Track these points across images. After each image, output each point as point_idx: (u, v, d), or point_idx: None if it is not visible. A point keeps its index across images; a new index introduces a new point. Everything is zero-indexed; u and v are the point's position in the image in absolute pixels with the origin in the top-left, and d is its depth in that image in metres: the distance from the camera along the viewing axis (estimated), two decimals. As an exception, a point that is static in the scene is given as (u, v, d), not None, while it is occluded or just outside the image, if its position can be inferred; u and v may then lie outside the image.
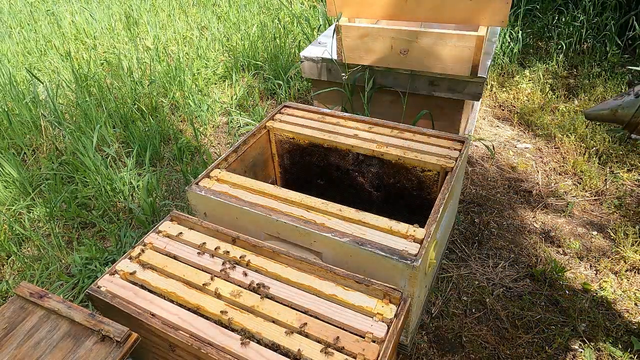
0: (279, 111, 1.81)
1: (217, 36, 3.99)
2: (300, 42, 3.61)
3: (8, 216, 2.13)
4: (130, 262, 1.19)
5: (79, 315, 0.96)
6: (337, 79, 2.28)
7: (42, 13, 4.97)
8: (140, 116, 2.85)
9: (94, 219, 2.11)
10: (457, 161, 1.46)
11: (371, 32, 2.04)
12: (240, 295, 1.07)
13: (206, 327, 1.00)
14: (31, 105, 2.92)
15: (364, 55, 2.14)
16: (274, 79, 3.20)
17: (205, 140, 2.73)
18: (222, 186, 1.40)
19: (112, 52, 3.85)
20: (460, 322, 1.56)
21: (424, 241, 1.16)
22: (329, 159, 1.70)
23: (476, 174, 2.30)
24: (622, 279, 1.70)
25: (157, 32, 4.11)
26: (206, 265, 1.16)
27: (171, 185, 2.36)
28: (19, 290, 1.03)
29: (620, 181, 2.16)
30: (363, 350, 0.93)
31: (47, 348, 0.91)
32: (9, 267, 1.94)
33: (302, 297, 1.06)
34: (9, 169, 2.33)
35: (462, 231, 1.95)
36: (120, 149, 2.64)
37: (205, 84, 3.31)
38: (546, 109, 2.75)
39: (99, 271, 1.83)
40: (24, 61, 3.90)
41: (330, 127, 1.68)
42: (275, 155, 1.83)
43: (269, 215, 1.27)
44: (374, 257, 1.14)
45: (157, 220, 2.07)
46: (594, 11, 3.31)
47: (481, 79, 1.96)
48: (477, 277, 1.74)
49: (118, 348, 0.90)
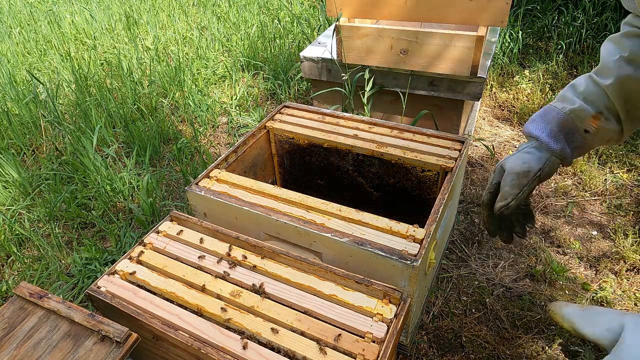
0: (278, 111, 1.81)
1: (217, 36, 3.99)
2: (300, 42, 3.61)
3: (8, 216, 2.13)
4: (130, 262, 1.19)
5: (79, 316, 0.96)
6: (337, 79, 2.28)
7: (42, 13, 4.97)
8: (140, 116, 2.85)
9: (93, 219, 2.11)
10: (457, 161, 1.46)
11: (371, 32, 2.04)
12: (240, 295, 1.07)
13: (206, 327, 1.00)
14: (31, 106, 2.92)
15: (364, 55, 2.14)
16: (274, 79, 3.20)
17: (205, 140, 2.73)
18: (221, 186, 1.40)
19: (112, 53, 3.85)
20: (460, 322, 1.56)
21: (423, 241, 1.16)
22: (329, 159, 1.70)
23: (476, 174, 2.30)
24: (622, 279, 1.69)
25: (157, 32, 4.11)
26: (206, 266, 1.16)
27: (171, 185, 2.36)
28: (19, 290, 1.02)
29: (620, 181, 2.16)
30: (363, 350, 0.93)
31: (46, 348, 0.91)
32: (8, 268, 1.94)
33: (301, 297, 1.05)
34: (8, 169, 2.33)
35: (462, 231, 1.95)
36: (120, 149, 2.64)
37: (205, 84, 3.31)
38: (546, 109, 2.74)
39: (98, 271, 1.83)
40: (24, 61, 3.90)
41: (330, 127, 1.68)
42: (275, 156, 1.83)
43: (268, 216, 1.27)
44: (373, 257, 1.14)
45: (157, 221, 2.07)
46: (594, 11, 3.31)
47: (481, 79, 1.96)
48: (477, 277, 1.74)
49: (118, 348, 0.90)
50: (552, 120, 0.95)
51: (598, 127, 0.93)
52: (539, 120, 0.97)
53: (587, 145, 0.97)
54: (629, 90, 0.91)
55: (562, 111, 0.95)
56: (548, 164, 0.95)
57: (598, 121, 0.93)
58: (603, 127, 0.94)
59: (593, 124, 0.93)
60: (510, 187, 0.92)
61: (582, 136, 0.95)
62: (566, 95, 0.97)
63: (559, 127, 0.94)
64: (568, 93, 0.97)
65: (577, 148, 0.97)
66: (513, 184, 0.92)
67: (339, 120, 1.72)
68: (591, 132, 0.94)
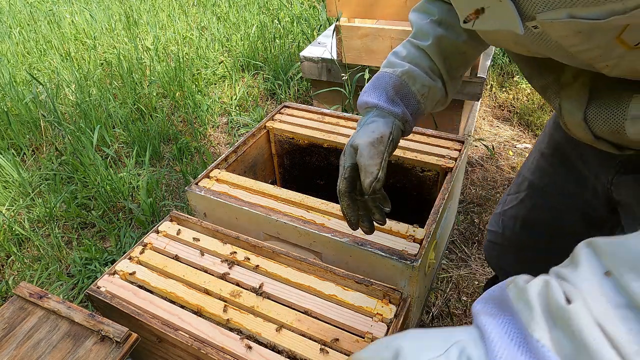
0: (278, 111, 1.81)
1: (217, 36, 3.99)
2: (300, 42, 3.61)
3: (8, 216, 2.13)
4: (129, 262, 1.19)
5: (79, 316, 0.96)
6: (337, 79, 2.28)
7: (42, 13, 4.97)
8: (140, 116, 2.85)
9: (93, 219, 2.11)
10: (457, 161, 1.46)
11: (371, 32, 2.04)
12: (240, 295, 1.07)
13: (206, 328, 1.00)
14: (31, 106, 2.92)
15: (364, 55, 2.14)
16: (274, 79, 3.20)
17: (205, 140, 2.73)
18: (221, 186, 1.40)
19: (112, 53, 3.85)
20: (460, 322, 1.56)
21: (423, 241, 1.16)
22: (329, 159, 1.70)
23: (476, 174, 2.30)
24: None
25: (157, 32, 4.11)
26: (206, 266, 1.16)
27: (171, 185, 2.36)
28: (19, 290, 1.02)
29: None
30: (363, 350, 0.93)
31: (46, 348, 0.91)
32: (8, 268, 1.94)
33: (301, 298, 1.05)
34: (8, 169, 2.33)
35: (462, 231, 1.95)
36: (120, 149, 2.64)
37: (205, 84, 3.31)
38: (546, 109, 2.74)
39: (98, 271, 1.83)
40: (24, 61, 3.90)
41: (330, 127, 1.68)
42: (275, 156, 1.83)
43: (268, 216, 1.27)
44: (373, 257, 1.14)
45: (157, 221, 2.07)
46: (593, 11, 3.31)
47: (481, 79, 1.96)
48: (477, 277, 1.74)
49: (118, 348, 0.90)
50: (387, 86, 0.92)
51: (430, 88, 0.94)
52: (372, 89, 0.94)
53: (421, 110, 0.96)
54: (445, 49, 0.93)
55: (394, 74, 0.93)
56: (395, 127, 0.91)
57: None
58: (432, 87, 0.95)
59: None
60: (371, 159, 0.86)
61: (416, 100, 0.94)
62: (393, 61, 0.96)
63: (394, 90, 0.92)
64: (393, 59, 0.96)
65: (414, 113, 0.96)
66: (372, 154, 0.86)
67: (339, 120, 1.72)
68: (424, 95, 0.94)
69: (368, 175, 0.86)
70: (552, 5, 0.52)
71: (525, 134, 2.59)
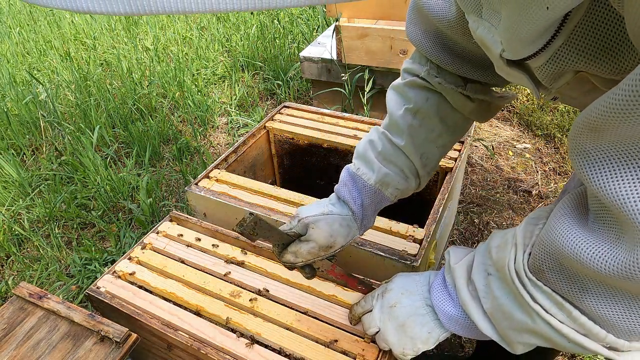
0: (278, 111, 1.81)
1: (217, 36, 3.99)
2: (300, 42, 3.61)
3: (7, 216, 2.13)
4: (129, 262, 1.19)
5: (79, 316, 0.96)
6: (337, 79, 2.28)
7: (42, 13, 4.97)
8: (140, 116, 2.85)
9: (93, 219, 2.11)
10: (457, 161, 1.46)
11: (371, 32, 2.04)
12: (239, 295, 1.07)
13: (206, 328, 1.00)
14: (31, 106, 2.92)
15: (363, 56, 2.14)
16: (274, 79, 3.20)
17: (205, 140, 2.73)
18: (221, 187, 1.40)
19: (112, 53, 3.85)
20: (460, 323, 1.56)
21: (423, 241, 1.16)
22: (329, 160, 1.70)
23: (476, 174, 2.30)
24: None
25: (156, 32, 4.11)
26: (206, 266, 1.16)
27: (171, 185, 2.36)
28: (18, 290, 1.02)
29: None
30: (363, 350, 0.93)
31: (46, 349, 0.91)
32: (8, 268, 1.94)
33: (301, 298, 1.05)
34: (8, 170, 2.33)
35: (462, 231, 1.95)
36: (120, 149, 2.64)
37: (204, 84, 3.31)
38: (546, 109, 2.75)
39: (98, 272, 1.83)
40: (24, 61, 3.90)
41: (330, 127, 1.68)
42: (274, 156, 1.83)
43: (268, 216, 1.27)
44: (373, 257, 1.14)
45: (157, 221, 2.07)
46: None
47: (481, 79, 1.96)
48: (477, 277, 1.74)
49: (117, 348, 0.90)
50: (362, 191, 0.88)
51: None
52: (352, 187, 0.88)
53: (388, 202, 0.93)
54: (420, 145, 0.87)
55: (368, 183, 0.87)
56: (351, 239, 0.88)
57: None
58: (405, 188, 0.91)
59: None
60: (307, 253, 0.83)
61: (388, 200, 0.91)
62: (367, 156, 0.89)
63: (370, 199, 0.88)
64: (369, 153, 0.89)
65: (377, 211, 0.93)
66: (312, 252, 0.84)
67: (338, 121, 1.73)
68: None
69: (293, 256, 0.84)
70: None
71: (525, 134, 2.59)
